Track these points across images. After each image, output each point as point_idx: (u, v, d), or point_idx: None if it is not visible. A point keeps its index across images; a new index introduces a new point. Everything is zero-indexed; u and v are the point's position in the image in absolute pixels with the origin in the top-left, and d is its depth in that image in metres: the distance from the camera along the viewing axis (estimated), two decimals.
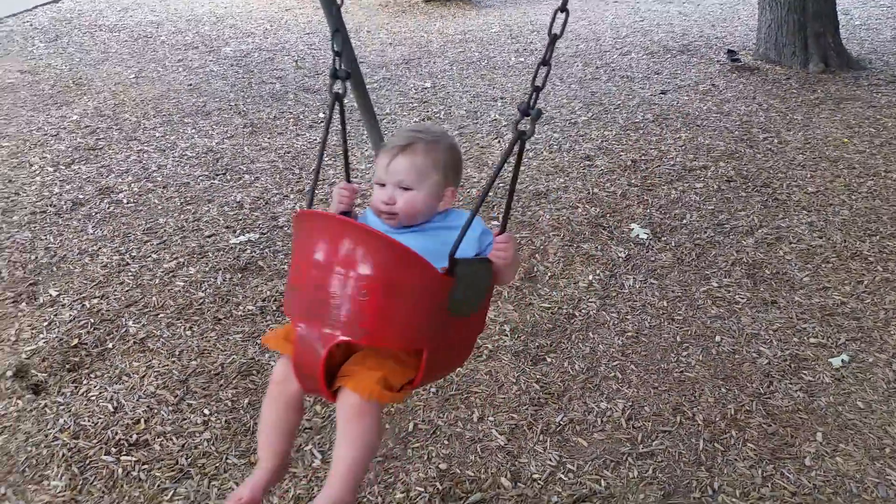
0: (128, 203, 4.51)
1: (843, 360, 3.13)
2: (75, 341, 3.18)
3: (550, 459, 2.64)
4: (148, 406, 2.84)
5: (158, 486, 2.48)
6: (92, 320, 3.33)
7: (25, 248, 3.94)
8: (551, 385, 3.01)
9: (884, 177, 4.79)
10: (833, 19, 7.16)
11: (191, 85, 6.87)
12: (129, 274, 3.73)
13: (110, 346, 3.18)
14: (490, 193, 1.70)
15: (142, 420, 2.77)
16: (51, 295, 3.53)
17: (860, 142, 5.37)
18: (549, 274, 3.77)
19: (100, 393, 2.90)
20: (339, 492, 1.58)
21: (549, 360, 3.16)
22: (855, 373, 3.07)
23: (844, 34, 7.58)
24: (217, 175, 4.92)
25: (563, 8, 1.64)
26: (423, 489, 2.49)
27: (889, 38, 8.17)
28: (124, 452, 2.62)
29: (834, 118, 5.85)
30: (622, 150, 5.32)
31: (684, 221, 4.29)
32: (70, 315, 3.37)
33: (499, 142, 5.52)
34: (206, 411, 2.82)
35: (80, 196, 4.58)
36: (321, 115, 6.09)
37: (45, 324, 3.30)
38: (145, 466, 2.53)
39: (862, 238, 4.07)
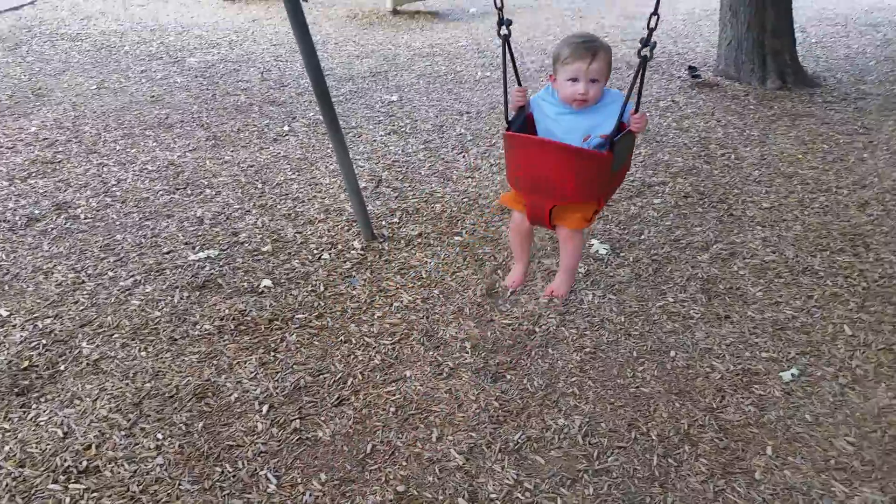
0: (85, 219, 4.45)
1: (792, 374, 3.19)
2: (26, 363, 3.13)
3: (508, 478, 2.66)
4: (99, 431, 2.80)
5: None
6: (44, 341, 3.28)
7: None
8: (510, 402, 3.03)
9: (835, 192, 4.90)
10: (790, 37, 7.31)
11: (153, 96, 6.81)
12: (85, 293, 3.68)
13: (62, 368, 3.13)
14: None
15: (93, 445, 2.73)
16: (1, 315, 3.47)
17: (813, 158, 5.49)
18: (511, 290, 3.79)
19: (49, 418, 2.85)
20: (565, 282, 2.97)
21: (508, 377, 3.18)
22: (804, 386, 3.13)
23: (801, 52, 7.75)
24: (177, 189, 4.88)
25: None
26: None
27: (842, 56, 8.37)
28: (73, 480, 2.57)
29: (789, 134, 5.98)
30: None
31: (642, 237, 4.35)
32: (21, 336, 3.31)
33: (464, 157, 5.54)
34: (160, 435, 2.79)
35: (36, 211, 4.51)
36: (286, 127, 6.07)
37: None
38: (94, 494, 2.48)
39: (813, 253, 4.15)
